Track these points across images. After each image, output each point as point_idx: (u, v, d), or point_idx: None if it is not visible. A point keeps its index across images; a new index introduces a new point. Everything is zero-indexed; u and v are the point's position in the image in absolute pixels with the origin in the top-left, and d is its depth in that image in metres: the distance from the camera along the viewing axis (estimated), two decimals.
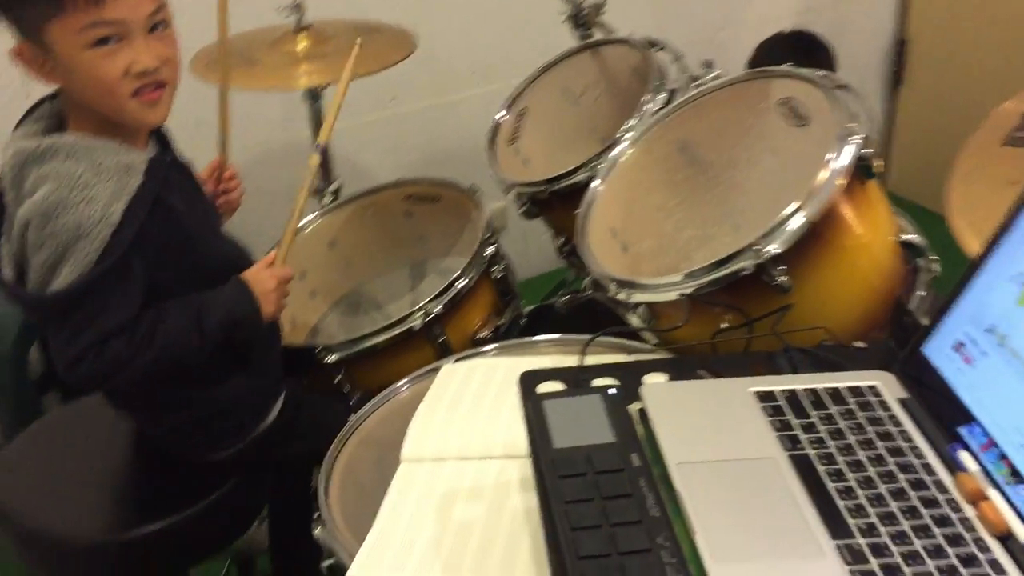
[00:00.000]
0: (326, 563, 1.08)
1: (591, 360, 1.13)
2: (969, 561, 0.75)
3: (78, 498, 1.41)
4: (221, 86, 1.47)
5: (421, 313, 1.48)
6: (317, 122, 1.97)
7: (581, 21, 1.85)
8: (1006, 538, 0.77)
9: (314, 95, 1.94)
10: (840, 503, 0.81)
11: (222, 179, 1.48)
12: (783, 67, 1.29)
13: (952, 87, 2.95)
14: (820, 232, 1.12)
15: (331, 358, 1.49)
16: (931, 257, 1.22)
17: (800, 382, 0.95)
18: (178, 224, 1.26)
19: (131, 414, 1.46)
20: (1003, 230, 0.88)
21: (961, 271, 1.21)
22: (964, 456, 0.84)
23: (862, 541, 0.77)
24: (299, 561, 1.79)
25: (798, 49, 2.33)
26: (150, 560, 1.38)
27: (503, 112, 1.78)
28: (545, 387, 0.99)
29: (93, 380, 1.25)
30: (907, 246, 1.22)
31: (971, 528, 0.78)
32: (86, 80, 1.17)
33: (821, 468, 0.85)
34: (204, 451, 1.44)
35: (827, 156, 1.11)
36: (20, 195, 1.20)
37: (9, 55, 1.17)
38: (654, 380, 1.00)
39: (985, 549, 0.77)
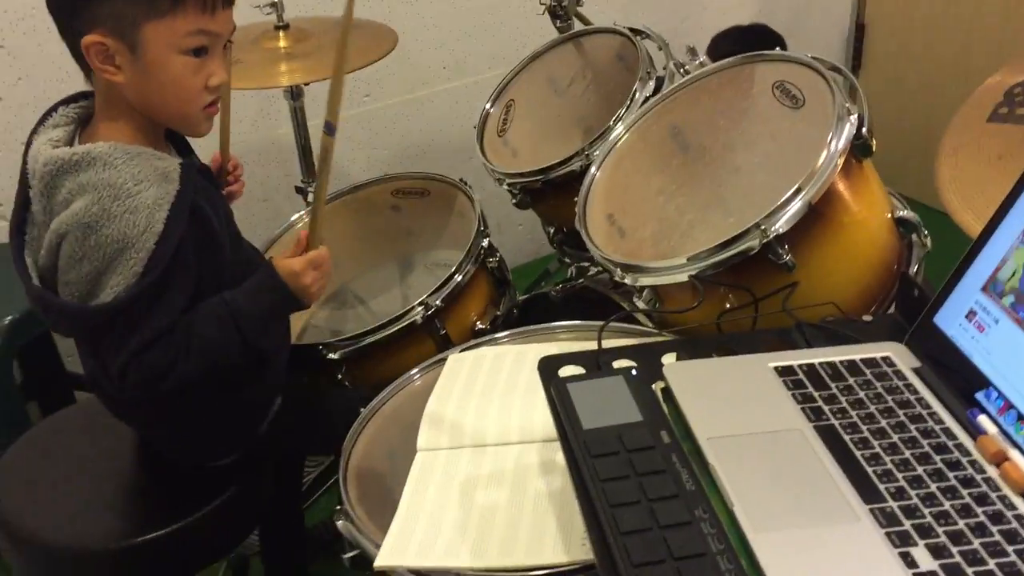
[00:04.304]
0: (348, 555, 1.08)
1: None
2: (997, 518, 0.78)
3: (77, 507, 1.38)
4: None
5: (421, 308, 1.48)
6: (299, 120, 1.96)
7: (560, 12, 1.87)
8: None
9: (294, 93, 1.93)
10: (869, 469, 0.83)
11: (227, 172, 1.47)
12: (775, 51, 1.31)
13: (909, 71, 3.01)
14: (821, 211, 1.15)
15: (333, 356, 1.49)
16: (924, 233, 1.25)
17: (816, 356, 0.97)
18: (209, 228, 1.24)
19: (133, 423, 1.44)
20: (1011, 199, 0.91)
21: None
22: (983, 420, 0.87)
23: (893, 504, 0.80)
24: (290, 561, 1.79)
25: (754, 41, 2.35)
26: (150, 568, 1.36)
27: (490, 104, 1.78)
28: (566, 371, 1.00)
29: (141, 388, 1.20)
30: (901, 222, 1.25)
31: (996, 488, 0.81)
32: (167, 85, 1.17)
33: (847, 437, 0.87)
34: (207, 457, 1.43)
35: (828, 136, 1.13)
36: (52, 205, 1.17)
37: (84, 45, 1.13)
38: (672, 360, 1.02)
39: (1011, 506, 0.79)
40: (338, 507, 1.09)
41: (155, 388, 1.20)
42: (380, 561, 0.98)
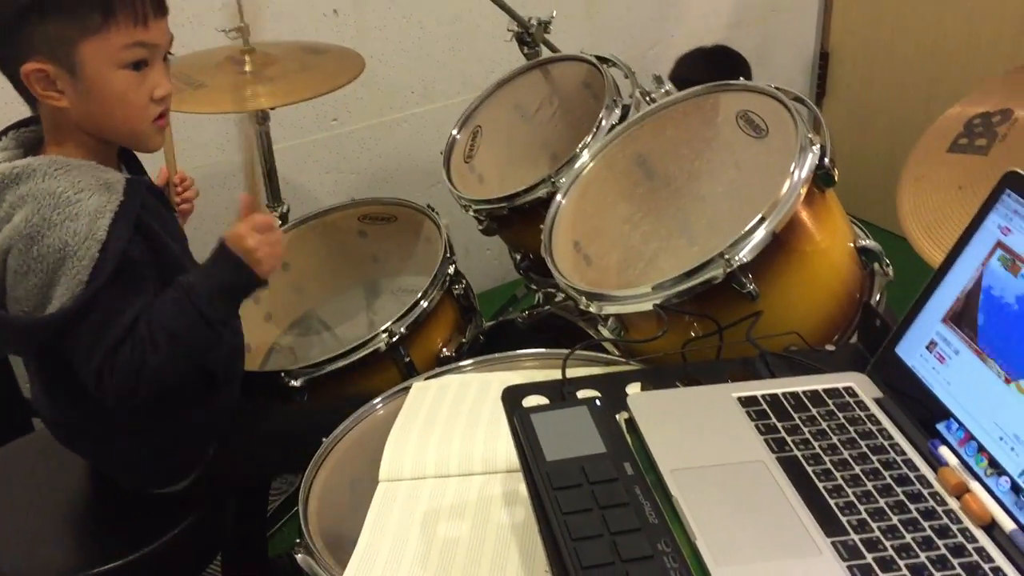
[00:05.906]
0: None
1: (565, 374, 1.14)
2: (958, 551, 0.78)
3: (31, 537, 1.36)
4: None
5: (385, 335, 1.47)
6: (264, 144, 1.95)
7: (528, 39, 1.88)
8: (990, 528, 0.80)
9: (260, 118, 1.92)
10: (831, 502, 0.83)
11: (175, 186, 1.44)
12: (739, 81, 1.32)
13: (872, 99, 3.05)
14: (784, 240, 1.15)
15: (295, 383, 1.47)
16: (886, 262, 1.26)
17: (779, 386, 0.97)
18: (159, 243, 1.24)
19: (79, 449, 1.42)
20: (970, 231, 0.91)
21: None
22: (944, 451, 0.87)
23: (856, 537, 0.79)
24: None
25: (718, 63, 2.39)
26: None
27: (457, 130, 1.78)
28: (529, 401, 1.00)
29: (122, 392, 1.19)
30: (863, 251, 1.26)
31: (957, 520, 0.81)
32: (111, 101, 1.16)
33: (810, 469, 0.87)
34: (156, 483, 1.41)
35: (791, 166, 1.14)
36: None
37: (24, 73, 1.13)
38: (636, 390, 1.01)
39: (972, 539, 0.79)
40: (298, 540, 1.07)
41: (133, 390, 1.19)
42: None
